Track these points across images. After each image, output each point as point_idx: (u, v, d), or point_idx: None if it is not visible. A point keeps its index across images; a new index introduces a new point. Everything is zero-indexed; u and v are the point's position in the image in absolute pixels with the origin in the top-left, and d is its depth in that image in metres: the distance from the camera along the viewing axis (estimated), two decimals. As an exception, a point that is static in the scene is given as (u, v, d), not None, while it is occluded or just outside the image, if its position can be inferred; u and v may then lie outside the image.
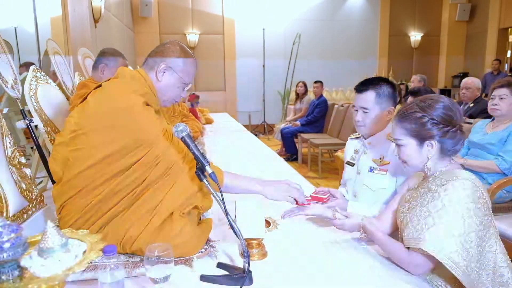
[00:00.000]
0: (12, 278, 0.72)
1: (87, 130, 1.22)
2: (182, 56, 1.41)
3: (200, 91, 8.60)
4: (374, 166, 1.69)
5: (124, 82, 1.33)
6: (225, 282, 1.12)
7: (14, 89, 1.97)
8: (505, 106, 2.40)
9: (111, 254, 0.97)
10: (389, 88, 1.67)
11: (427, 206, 1.19)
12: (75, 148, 1.22)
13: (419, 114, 1.23)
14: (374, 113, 1.66)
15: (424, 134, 1.23)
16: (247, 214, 1.31)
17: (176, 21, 8.42)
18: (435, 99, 1.25)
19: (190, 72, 1.43)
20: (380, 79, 1.70)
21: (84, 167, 1.20)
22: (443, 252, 1.08)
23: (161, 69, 1.38)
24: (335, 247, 1.39)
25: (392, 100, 1.67)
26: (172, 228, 1.21)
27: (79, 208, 1.22)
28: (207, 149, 3.18)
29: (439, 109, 1.22)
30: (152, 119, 1.28)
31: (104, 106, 1.25)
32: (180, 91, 1.44)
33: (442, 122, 1.22)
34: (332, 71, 9.14)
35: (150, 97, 1.34)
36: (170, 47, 1.41)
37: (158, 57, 1.39)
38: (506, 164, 2.32)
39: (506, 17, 8.01)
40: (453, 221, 1.11)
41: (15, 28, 3.94)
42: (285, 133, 6.25)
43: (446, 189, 1.17)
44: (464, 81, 4.22)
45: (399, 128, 1.29)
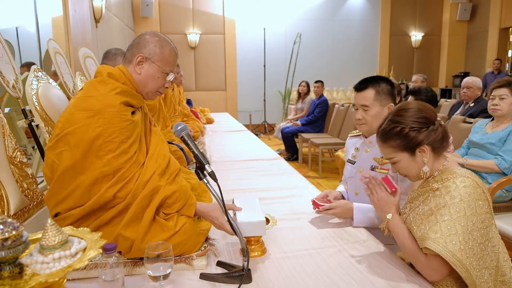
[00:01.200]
0: (13, 275, 0.72)
1: (66, 132, 1.20)
2: (158, 45, 1.37)
3: (201, 90, 8.62)
4: (376, 165, 1.70)
5: (100, 81, 1.30)
6: (225, 280, 1.13)
7: (16, 88, 1.98)
8: (505, 106, 2.40)
9: (112, 252, 0.98)
10: (387, 86, 1.70)
11: (429, 205, 1.19)
12: (59, 151, 1.21)
13: (398, 128, 1.25)
14: (374, 110, 1.68)
15: (412, 144, 1.24)
16: (247, 211, 1.33)
17: (177, 21, 8.43)
18: (404, 108, 1.28)
19: (170, 61, 1.39)
20: (378, 77, 1.73)
21: (64, 168, 1.19)
22: (446, 249, 1.09)
23: (138, 61, 1.34)
24: (334, 245, 1.39)
25: (391, 97, 1.70)
26: (171, 227, 1.21)
27: (72, 213, 1.20)
28: (207, 148, 3.19)
29: (412, 115, 1.24)
30: (129, 123, 1.25)
31: (80, 106, 1.23)
32: (162, 81, 1.39)
33: (421, 126, 1.23)
34: (333, 71, 9.14)
35: (130, 94, 1.32)
36: (146, 38, 1.37)
37: (134, 49, 1.36)
38: (506, 163, 2.33)
39: (507, 16, 8.00)
40: (456, 219, 1.12)
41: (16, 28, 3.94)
42: (286, 133, 6.26)
43: (447, 186, 1.18)
44: (465, 81, 4.22)
45: (386, 148, 1.30)
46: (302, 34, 8.58)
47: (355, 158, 1.82)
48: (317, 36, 9.03)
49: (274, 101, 8.96)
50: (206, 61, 8.68)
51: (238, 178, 2.30)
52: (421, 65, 9.62)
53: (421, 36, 9.52)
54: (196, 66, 8.68)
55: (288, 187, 2.10)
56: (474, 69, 8.85)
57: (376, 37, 9.38)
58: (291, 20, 8.90)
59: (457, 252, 1.08)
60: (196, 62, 8.67)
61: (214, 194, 1.16)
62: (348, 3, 9.16)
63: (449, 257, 1.08)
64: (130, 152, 1.25)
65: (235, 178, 2.31)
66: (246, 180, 2.27)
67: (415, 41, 9.55)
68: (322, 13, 9.05)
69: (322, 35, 9.08)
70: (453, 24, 9.29)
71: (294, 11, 8.91)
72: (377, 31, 9.36)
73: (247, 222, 1.26)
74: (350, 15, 9.20)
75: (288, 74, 8.69)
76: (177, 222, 1.24)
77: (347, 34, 9.20)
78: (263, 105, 8.88)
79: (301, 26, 8.81)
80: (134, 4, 7.96)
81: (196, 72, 8.69)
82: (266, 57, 8.75)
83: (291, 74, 8.65)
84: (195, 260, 1.22)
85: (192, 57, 8.62)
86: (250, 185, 2.16)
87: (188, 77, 8.43)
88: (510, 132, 2.38)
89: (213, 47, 8.67)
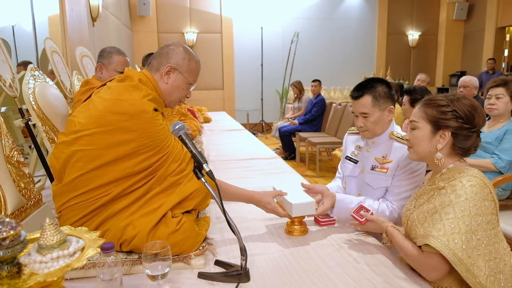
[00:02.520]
0: (11, 275, 0.72)
1: (94, 132, 1.22)
2: (187, 57, 1.42)
3: (198, 89, 8.60)
4: (376, 164, 1.68)
5: (133, 86, 1.31)
6: (223, 279, 1.13)
7: (12, 88, 1.97)
8: (501, 105, 2.41)
9: (110, 251, 0.98)
10: (384, 88, 1.64)
11: (434, 203, 1.19)
12: (80, 149, 1.22)
13: (443, 103, 1.25)
14: (375, 116, 1.63)
15: (441, 122, 1.24)
16: (294, 194, 1.47)
17: (174, 20, 8.41)
18: (467, 98, 1.26)
19: (195, 72, 1.45)
20: (373, 81, 1.67)
21: (89, 168, 1.21)
22: (447, 247, 1.08)
23: (167, 71, 1.39)
24: (333, 244, 1.40)
25: (390, 99, 1.66)
26: (169, 226, 1.22)
27: (81, 208, 1.23)
28: (205, 147, 3.19)
29: (465, 105, 1.23)
30: (163, 127, 1.29)
31: (113, 108, 1.23)
32: (186, 92, 1.46)
33: (464, 117, 1.22)
34: (330, 70, 9.15)
35: (158, 101, 1.36)
36: (174, 49, 1.41)
37: (163, 59, 1.40)
38: (502, 162, 2.34)
39: (504, 16, 8.03)
40: (460, 218, 1.10)
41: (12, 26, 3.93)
42: (283, 132, 6.26)
43: (453, 185, 1.17)
44: (462, 80, 4.24)
45: (420, 112, 1.30)
46: (299, 33, 8.58)
47: (357, 157, 1.79)
48: (315, 35, 9.03)
49: (272, 100, 8.96)
50: (204, 60, 8.66)
51: (235, 177, 2.30)
52: (418, 64, 9.65)
53: (418, 35, 9.55)
54: (194, 65, 8.66)
55: (285, 186, 2.10)
56: (471, 68, 8.88)
57: (373, 36, 9.40)
58: (288, 19, 8.90)
59: (459, 251, 1.07)
60: (194, 61, 8.65)
61: (212, 192, 1.16)
62: (345, 2, 9.17)
63: (450, 256, 1.07)
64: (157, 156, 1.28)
65: (232, 177, 2.31)
66: (244, 179, 2.27)
67: (412, 40, 9.58)
68: (319, 12, 9.05)
69: (320, 34, 9.09)
70: (450, 23, 9.32)
71: (292, 10, 8.91)
72: (375, 30, 9.37)
73: (300, 203, 1.40)
74: (348, 14, 9.21)
75: (286, 73, 8.69)
76: (178, 220, 1.25)
77: (345, 33, 9.21)
78: (261, 104, 8.88)
79: (298, 25, 8.81)
80: (131, 2, 7.93)
81: (193, 71, 8.67)
82: (263, 56, 8.74)
83: (288, 73, 8.65)
84: (193, 259, 1.22)
85: (190, 56, 8.60)
86: (247, 184, 2.15)
87: (186, 76, 8.40)
88: (506, 131, 2.39)
89: (210, 46, 8.66)
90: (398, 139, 1.64)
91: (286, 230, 1.50)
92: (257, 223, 1.59)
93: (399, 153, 1.62)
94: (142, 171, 1.25)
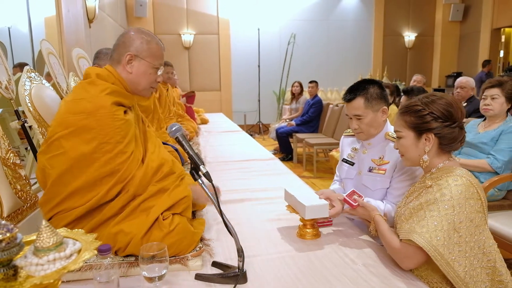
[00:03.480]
0: (7, 277, 0.72)
1: (59, 136, 1.20)
2: (145, 41, 1.36)
3: (195, 91, 8.60)
4: (373, 166, 1.68)
5: (89, 82, 1.29)
6: (220, 280, 1.13)
7: (8, 89, 1.97)
8: (497, 106, 2.42)
9: (106, 253, 0.98)
10: (376, 90, 1.65)
11: (420, 200, 1.23)
12: (51, 155, 1.21)
13: (419, 108, 1.28)
14: (368, 118, 1.64)
15: (422, 127, 1.27)
16: (306, 196, 1.45)
17: (171, 21, 8.41)
18: (439, 96, 1.29)
19: (158, 55, 1.39)
20: (365, 82, 1.68)
21: (59, 173, 1.19)
22: (430, 244, 1.12)
23: (128, 59, 1.34)
24: (329, 245, 1.40)
25: (382, 100, 1.66)
26: (163, 229, 1.21)
27: (64, 217, 1.21)
28: (202, 149, 3.19)
29: (440, 105, 1.26)
30: (123, 122, 1.25)
31: (72, 109, 1.22)
32: (154, 76, 1.40)
33: (441, 116, 1.25)
34: (327, 71, 9.17)
35: (120, 93, 1.32)
36: (131, 35, 1.36)
37: (121, 49, 1.35)
38: (498, 163, 2.35)
39: (499, 17, 8.08)
40: (444, 215, 1.14)
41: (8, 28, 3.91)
42: (280, 133, 6.27)
43: (440, 184, 1.20)
44: (458, 81, 4.26)
45: (400, 120, 1.33)
46: (296, 34, 8.60)
47: (353, 159, 1.79)
48: (311, 37, 9.05)
49: (269, 102, 8.97)
50: (201, 62, 8.66)
51: (232, 179, 2.30)
52: (414, 65, 9.69)
53: (414, 36, 9.59)
54: (191, 66, 8.66)
55: (282, 187, 2.10)
56: (467, 69, 8.92)
57: (370, 37, 9.43)
58: (285, 20, 8.92)
59: (440, 247, 1.12)
60: (191, 63, 8.65)
61: (209, 195, 1.16)
62: (342, 4, 9.20)
63: (431, 251, 1.12)
64: (127, 152, 1.25)
65: (229, 178, 2.31)
66: (241, 180, 2.27)
67: (408, 42, 9.61)
68: (316, 14, 9.07)
69: (316, 36, 9.11)
70: (445, 24, 9.36)
71: (288, 11, 8.93)
72: (371, 32, 9.41)
73: (313, 205, 1.38)
74: (344, 15, 9.23)
75: (283, 75, 8.70)
76: (172, 221, 1.24)
77: (341, 35, 9.24)
78: (258, 105, 8.88)
79: (295, 26, 8.82)
80: (128, 4, 7.92)
81: (190, 73, 8.67)
82: (260, 58, 8.75)
83: (285, 75, 8.66)
84: (190, 260, 1.22)
85: (186, 57, 8.60)
86: (244, 185, 2.16)
87: (183, 78, 8.41)
88: (502, 132, 2.40)
89: (207, 48, 8.66)
90: (394, 140, 1.64)
91: (298, 233, 1.47)
92: (254, 225, 1.59)
93: (396, 153, 1.61)
94: (109, 175, 1.21)
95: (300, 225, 1.49)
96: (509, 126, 2.39)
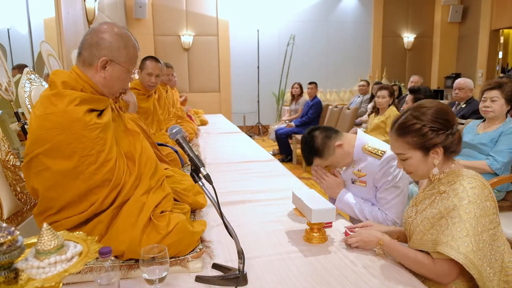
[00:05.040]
0: (8, 280, 0.72)
1: (37, 153, 1.14)
2: (122, 44, 1.28)
3: (194, 92, 8.60)
4: (355, 178, 1.78)
5: (56, 95, 1.18)
6: (220, 282, 1.13)
7: (8, 91, 1.97)
8: (497, 108, 2.42)
9: (107, 256, 0.98)
10: (319, 141, 1.74)
11: (438, 208, 1.19)
12: (35, 171, 1.16)
13: (418, 125, 1.23)
14: (331, 161, 1.77)
15: (428, 144, 1.23)
16: (314, 200, 1.45)
17: (170, 23, 8.41)
18: (428, 106, 1.26)
19: (134, 58, 1.33)
20: (307, 146, 1.79)
21: (45, 188, 1.16)
22: (459, 252, 1.09)
23: (103, 64, 1.26)
24: (330, 247, 1.40)
25: (328, 148, 1.74)
26: (161, 231, 1.21)
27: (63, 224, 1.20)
28: (201, 150, 3.19)
29: (435, 115, 1.23)
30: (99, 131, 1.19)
31: (44, 125, 1.14)
32: (127, 80, 1.34)
33: (442, 127, 1.23)
34: (326, 72, 9.18)
35: (91, 100, 1.23)
36: (105, 36, 1.26)
37: (94, 50, 1.26)
38: (498, 164, 2.35)
39: (498, 18, 8.09)
40: (466, 220, 1.11)
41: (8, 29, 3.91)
42: (280, 135, 6.27)
43: (455, 189, 1.17)
44: (457, 82, 4.27)
45: (401, 142, 1.27)
46: (295, 35, 8.61)
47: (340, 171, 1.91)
48: (311, 38, 9.06)
49: (268, 103, 8.97)
50: (200, 63, 8.66)
51: (232, 180, 2.30)
52: (413, 66, 9.70)
53: (413, 37, 9.60)
54: (190, 67, 8.66)
55: (282, 188, 2.10)
56: (466, 70, 8.93)
57: (369, 38, 9.44)
58: (284, 21, 8.92)
59: (470, 254, 1.08)
60: (190, 64, 8.65)
61: (209, 197, 1.16)
62: (341, 5, 9.21)
63: (462, 260, 1.08)
64: (112, 159, 1.22)
65: (229, 180, 2.31)
66: (241, 181, 2.27)
67: (407, 43, 9.62)
68: (315, 15, 9.08)
69: (316, 37, 9.12)
70: (444, 25, 9.37)
71: (288, 12, 8.93)
72: (370, 33, 9.42)
73: (320, 209, 1.37)
74: (343, 16, 9.25)
75: (282, 76, 8.71)
76: (170, 222, 1.23)
77: (340, 36, 9.25)
78: (257, 106, 8.88)
79: (294, 27, 8.83)
80: (127, 5, 7.92)
81: (189, 74, 8.67)
82: (259, 59, 8.75)
83: (284, 76, 8.67)
84: (190, 262, 1.22)
85: (186, 58, 8.61)
86: (244, 186, 2.16)
87: (182, 79, 8.40)
88: (501, 133, 2.41)
89: (206, 49, 8.66)
90: (372, 154, 1.72)
91: (305, 237, 1.46)
92: (254, 226, 1.59)
93: (370, 168, 1.71)
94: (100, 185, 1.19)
95: (307, 229, 1.48)
96: (508, 127, 2.39)
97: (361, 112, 6.19)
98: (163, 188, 1.36)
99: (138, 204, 1.24)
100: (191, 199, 1.60)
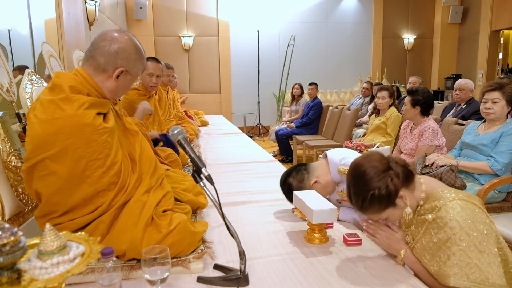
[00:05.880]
0: (11, 281, 0.72)
1: (43, 157, 1.13)
2: (138, 57, 1.34)
3: (195, 93, 8.61)
4: (339, 199, 1.78)
5: (64, 100, 1.18)
6: (222, 283, 1.13)
7: (10, 92, 1.97)
8: (498, 109, 2.42)
9: (109, 256, 0.98)
10: (295, 188, 1.70)
11: (432, 240, 1.19)
12: (39, 175, 1.16)
13: (368, 196, 1.20)
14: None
15: (390, 199, 1.21)
16: (315, 201, 1.44)
17: (170, 24, 8.41)
18: (358, 174, 1.23)
19: (141, 69, 1.40)
20: (284, 185, 1.77)
21: (50, 193, 1.16)
22: (469, 280, 1.10)
23: (117, 73, 1.30)
24: (331, 248, 1.40)
25: (303, 183, 1.72)
26: (162, 230, 1.21)
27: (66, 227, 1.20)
28: (202, 151, 3.19)
29: (371, 177, 1.20)
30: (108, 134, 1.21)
31: (51, 130, 1.14)
32: (131, 86, 1.42)
33: (383, 178, 1.20)
34: (327, 73, 9.18)
35: (98, 104, 1.24)
36: (125, 48, 1.30)
37: (111, 59, 1.28)
38: (498, 165, 2.35)
39: (498, 19, 8.10)
40: (464, 247, 1.12)
41: (8, 30, 3.91)
42: (280, 135, 6.27)
43: (442, 217, 1.16)
44: (457, 83, 4.28)
45: (371, 214, 1.27)
46: (295, 36, 8.61)
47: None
48: (311, 39, 9.07)
49: (268, 104, 8.97)
50: (200, 64, 8.67)
51: (233, 181, 2.31)
52: (413, 67, 9.70)
53: (413, 38, 9.60)
54: (190, 68, 8.66)
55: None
56: (466, 71, 8.94)
57: (369, 39, 9.45)
58: (284, 22, 8.93)
59: (478, 279, 1.09)
60: (190, 65, 8.66)
61: (211, 197, 1.16)
62: (341, 6, 9.21)
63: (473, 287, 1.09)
64: (118, 162, 1.23)
65: (230, 180, 2.31)
66: (241, 182, 2.27)
67: (407, 44, 9.63)
68: (315, 16, 9.09)
69: (316, 38, 9.12)
70: (444, 26, 9.38)
71: (288, 13, 8.94)
72: (370, 34, 9.42)
73: (321, 210, 1.37)
74: (343, 17, 9.25)
75: (282, 76, 8.71)
76: (171, 221, 1.24)
77: (341, 37, 9.25)
78: (257, 107, 8.89)
79: (294, 28, 8.84)
80: (128, 6, 7.93)
81: (190, 75, 8.67)
82: (260, 60, 8.76)
83: (285, 76, 8.67)
84: (192, 263, 1.22)
85: (186, 59, 8.61)
86: (245, 187, 2.17)
87: (182, 80, 8.41)
88: (502, 134, 2.41)
89: (207, 50, 8.67)
90: None
91: (306, 238, 1.46)
92: (255, 227, 1.60)
93: None
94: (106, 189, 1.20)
95: (308, 230, 1.48)
96: (509, 128, 2.39)
97: (362, 114, 6.18)
98: (162, 186, 1.37)
99: (139, 204, 1.25)
100: (192, 199, 1.60)
